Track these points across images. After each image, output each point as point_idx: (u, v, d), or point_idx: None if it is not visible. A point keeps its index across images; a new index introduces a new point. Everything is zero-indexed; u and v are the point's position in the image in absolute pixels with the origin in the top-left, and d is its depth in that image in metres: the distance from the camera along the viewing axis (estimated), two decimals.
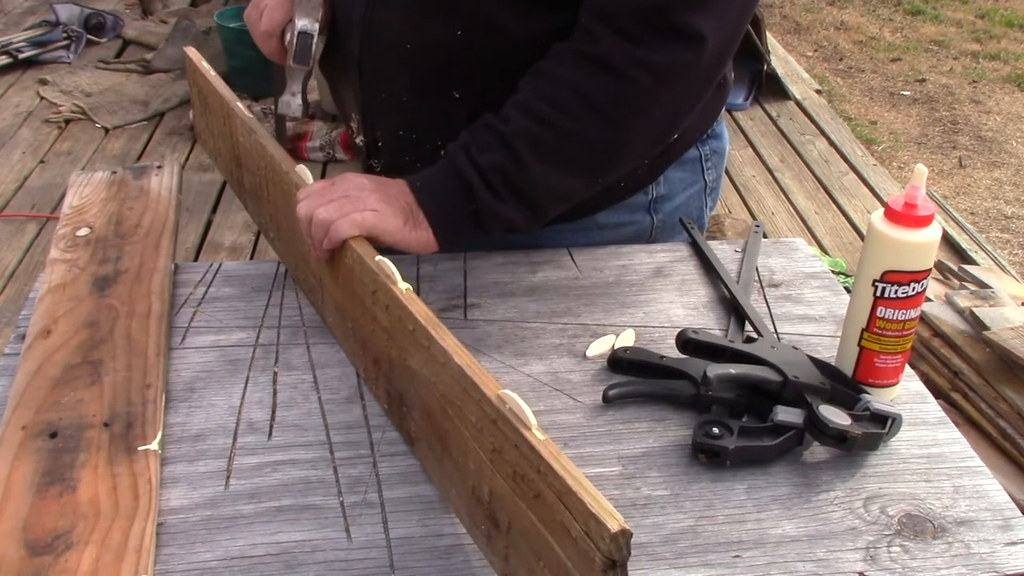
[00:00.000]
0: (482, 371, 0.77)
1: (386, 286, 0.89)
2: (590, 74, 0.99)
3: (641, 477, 0.91)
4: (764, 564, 0.83)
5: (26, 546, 0.79)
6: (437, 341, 0.81)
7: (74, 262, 1.16)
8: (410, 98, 1.14)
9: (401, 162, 1.19)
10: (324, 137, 3.73)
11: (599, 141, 1.02)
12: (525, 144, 1.00)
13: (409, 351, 0.87)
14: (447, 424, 0.82)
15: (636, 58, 0.97)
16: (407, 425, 0.92)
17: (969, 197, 3.94)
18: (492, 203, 1.02)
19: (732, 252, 1.28)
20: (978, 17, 5.95)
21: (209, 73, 1.29)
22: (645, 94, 1.00)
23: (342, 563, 0.82)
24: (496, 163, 1.00)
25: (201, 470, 0.91)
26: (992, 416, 2.14)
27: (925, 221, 0.94)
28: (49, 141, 3.90)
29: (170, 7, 5.26)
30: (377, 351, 0.95)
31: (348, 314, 1.01)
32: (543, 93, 1.01)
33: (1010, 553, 0.85)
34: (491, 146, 1.01)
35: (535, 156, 1.00)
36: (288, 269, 1.19)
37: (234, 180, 1.32)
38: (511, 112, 1.01)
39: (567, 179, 1.05)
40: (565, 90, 1.00)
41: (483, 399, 0.75)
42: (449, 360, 0.79)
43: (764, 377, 0.96)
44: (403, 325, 0.87)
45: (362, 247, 0.95)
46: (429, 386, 0.84)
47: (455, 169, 1.02)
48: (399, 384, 0.92)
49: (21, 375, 0.98)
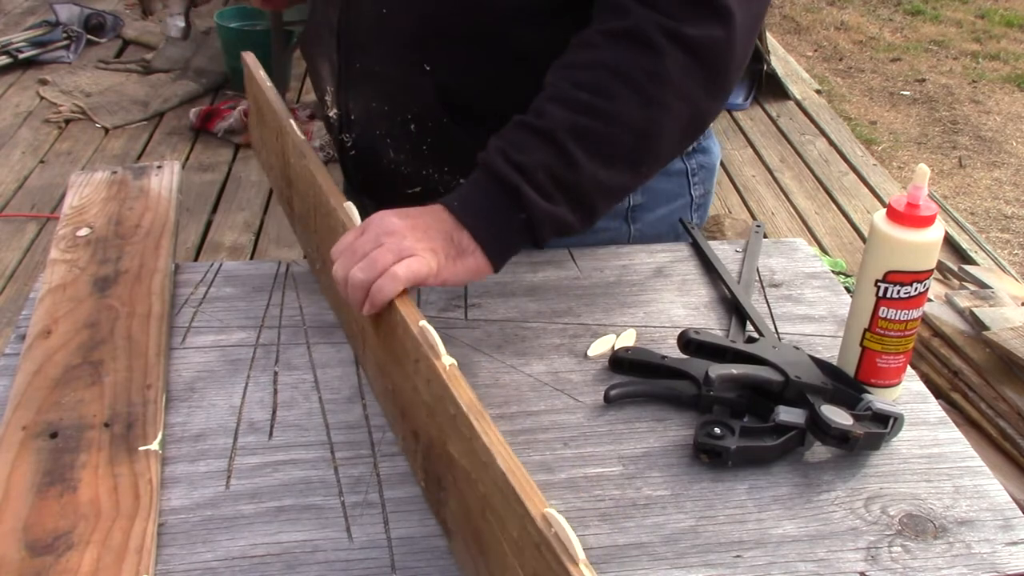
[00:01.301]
0: (527, 479, 0.68)
1: (428, 358, 0.80)
2: (625, 50, 0.93)
3: (642, 477, 0.91)
4: (765, 564, 0.82)
5: (27, 546, 0.79)
6: (480, 436, 0.72)
7: (74, 262, 1.16)
8: (383, 68, 1.13)
9: (372, 136, 1.20)
10: (324, 137, 3.73)
11: (641, 122, 0.94)
12: (569, 136, 0.92)
13: (450, 435, 0.78)
14: (486, 528, 0.74)
15: (669, 30, 0.92)
16: (443, 513, 0.83)
17: (969, 197, 3.94)
18: (544, 207, 0.92)
19: (732, 252, 1.28)
20: (978, 17, 5.95)
21: (265, 83, 1.24)
22: (680, 70, 0.93)
23: (343, 563, 0.82)
24: (541, 162, 0.92)
25: (202, 470, 0.91)
26: (992, 416, 2.14)
27: (927, 221, 0.93)
28: (49, 141, 3.90)
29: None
30: (417, 424, 0.86)
31: (389, 375, 0.93)
32: (578, 80, 0.94)
33: (1011, 553, 0.85)
34: (531, 144, 0.92)
35: (581, 148, 0.92)
36: (333, 309, 1.12)
37: (284, 199, 1.28)
38: (545, 106, 0.94)
39: (615, 171, 0.96)
40: (601, 72, 0.93)
41: (526, 516, 0.66)
42: (492, 462, 0.70)
43: (766, 377, 0.96)
44: (444, 406, 0.78)
45: (406, 307, 0.86)
46: (470, 481, 0.75)
47: (495, 176, 0.93)
48: (438, 467, 0.83)
49: (21, 375, 0.98)
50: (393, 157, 1.20)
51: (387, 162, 1.20)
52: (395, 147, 1.19)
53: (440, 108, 1.12)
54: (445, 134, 1.13)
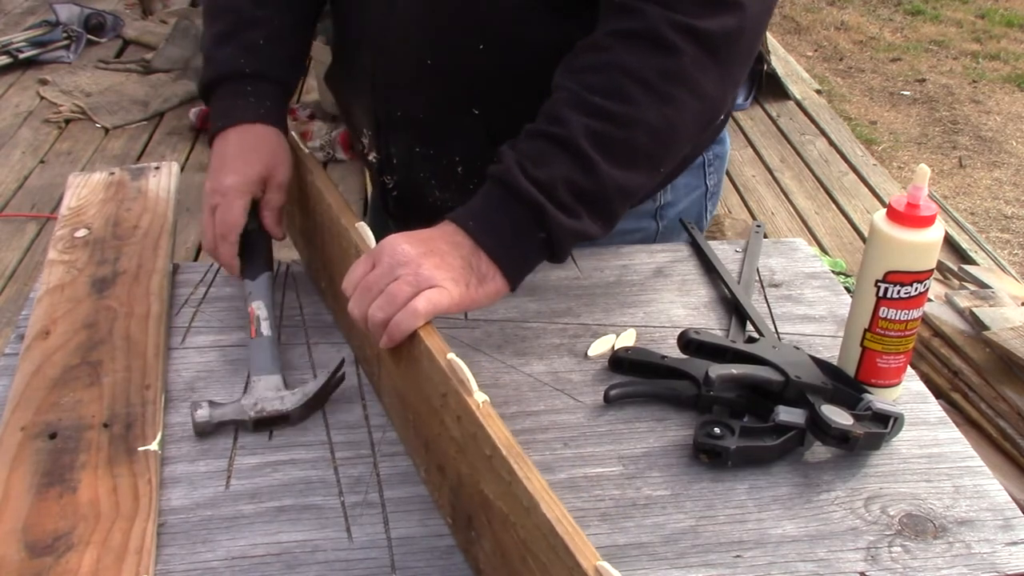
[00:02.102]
0: (575, 528, 0.65)
1: (459, 394, 0.77)
2: (637, 51, 0.90)
3: (642, 477, 0.91)
4: (765, 564, 0.82)
5: (26, 547, 0.79)
6: (521, 480, 0.69)
7: (72, 263, 1.16)
8: (427, 115, 1.10)
9: (416, 178, 1.17)
10: (324, 137, 3.73)
11: (658, 123, 0.91)
12: (590, 144, 0.88)
13: (484, 476, 0.75)
14: (526, 573, 0.71)
15: (681, 26, 0.89)
16: (474, 552, 0.80)
17: (969, 197, 3.94)
18: (566, 223, 0.89)
19: (732, 252, 1.28)
20: (978, 17, 5.95)
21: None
22: (693, 65, 0.91)
23: (343, 563, 0.82)
24: (562, 175, 0.88)
25: (202, 470, 0.90)
26: (992, 416, 2.14)
27: (928, 221, 0.93)
28: (49, 141, 3.90)
29: (170, 7, 5.26)
30: (443, 459, 0.83)
31: (411, 406, 0.89)
32: (592, 84, 0.91)
33: (1011, 553, 0.85)
34: (550, 156, 0.89)
35: (602, 156, 0.89)
36: (340, 329, 1.09)
37: (285, 212, 1.23)
38: (561, 112, 0.90)
39: (634, 174, 0.93)
40: (616, 74, 0.90)
41: (576, 569, 0.63)
42: (535, 507, 0.67)
43: (766, 377, 0.96)
44: (478, 445, 0.75)
45: (431, 338, 0.82)
46: (507, 524, 0.72)
47: (515, 193, 0.88)
48: (468, 505, 0.79)
49: (20, 376, 0.98)
50: (439, 195, 1.17)
51: (432, 200, 1.17)
52: (440, 187, 1.16)
53: (489, 148, 1.01)
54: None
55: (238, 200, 1.06)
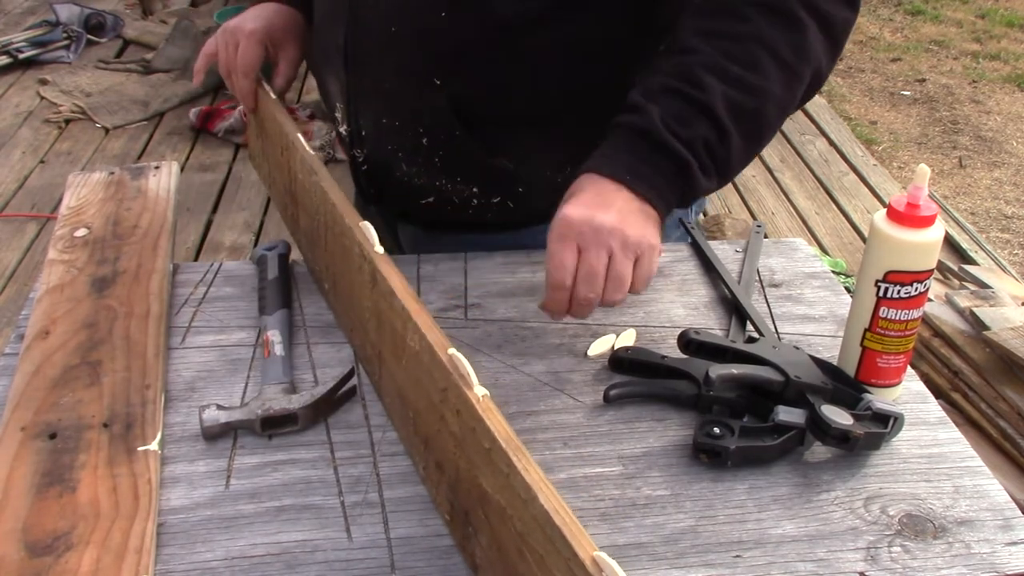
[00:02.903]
0: (572, 519, 0.66)
1: (459, 388, 0.77)
2: (774, 26, 0.94)
3: (642, 477, 0.91)
4: (765, 564, 0.82)
5: (26, 547, 0.79)
6: (519, 472, 0.69)
7: (72, 263, 1.16)
8: (392, 84, 1.13)
9: (384, 150, 1.19)
10: (324, 137, 3.73)
11: (784, 96, 0.96)
12: (727, 112, 0.92)
13: (482, 469, 0.76)
14: (524, 568, 0.71)
15: (810, 5, 0.94)
16: (470, 547, 0.81)
17: (969, 197, 3.94)
18: (702, 180, 0.94)
19: (732, 252, 1.28)
20: (978, 17, 5.95)
21: (269, 96, 1.24)
22: (819, 44, 0.96)
23: (343, 563, 0.82)
24: (703, 137, 0.93)
25: (201, 470, 0.91)
26: (992, 416, 2.14)
27: (928, 221, 0.93)
28: (49, 141, 3.90)
29: (170, 7, 5.26)
30: (442, 455, 0.84)
31: (410, 403, 0.90)
32: (730, 52, 0.94)
33: (1011, 553, 0.85)
34: (692, 118, 0.92)
35: (736, 124, 0.93)
36: (343, 329, 1.10)
37: (288, 215, 1.27)
38: (701, 76, 0.93)
39: (753, 142, 0.98)
40: (753, 46, 0.94)
41: (573, 559, 0.64)
42: (533, 499, 0.68)
43: (766, 377, 0.96)
44: (477, 439, 0.75)
45: (433, 333, 0.83)
46: (504, 518, 0.73)
47: (663, 149, 0.93)
48: (466, 501, 0.80)
49: (20, 376, 0.98)
50: (406, 170, 1.19)
51: (400, 175, 1.20)
52: (407, 160, 1.18)
53: (452, 120, 1.11)
54: (457, 145, 1.13)
55: (258, 44, 1.21)
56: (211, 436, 0.93)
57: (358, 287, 0.99)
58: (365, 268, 0.95)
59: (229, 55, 1.23)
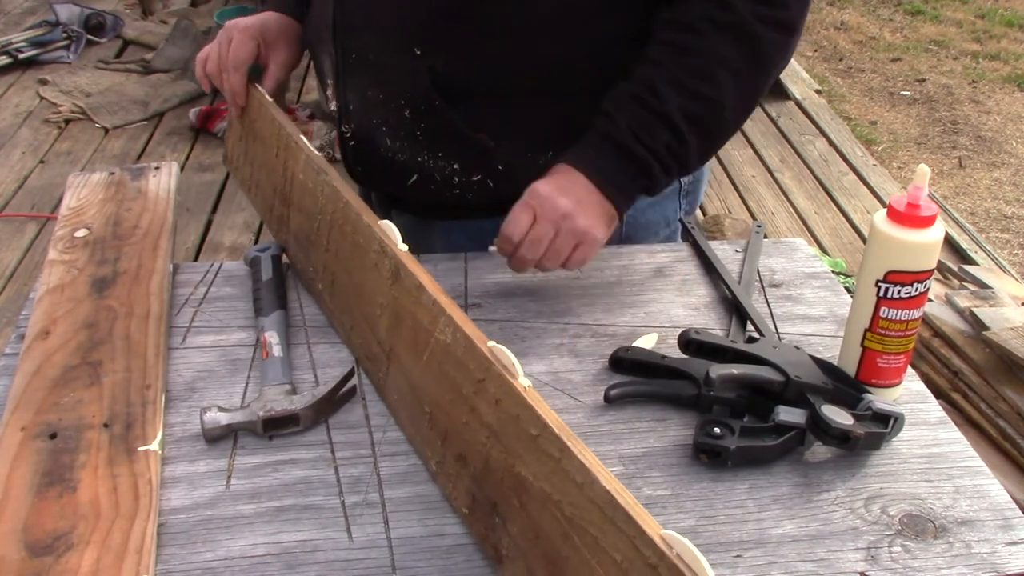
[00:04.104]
0: (635, 501, 0.67)
1: (502, 377, 0.79)
2: (731, 43, 1.05)
3: (642, 477, 0.91)
4: (765, 564, 0.82)
5: (26, 547, 0.79)
6: (575, 456, 0.71)
7: (72, 263, 1.16)
8: (376, 55, 1.17)
9: (369, 124, 1.22)
10: (324, 137, 3.73)
11: (741, 105, 1.09)
12: (684, 121, 1.05)
13: (524, 458, 0.76)
14: (569, 552, 0.72)
15: (770, 19, 1.05)
16: (493, 539, 0.81)
17: (969, 197, 3.94)
18: (662, 178, 1.08)
19: (732, 252, 1.28)
20: (978, 17, 5.95)
21: (265, 98, 1.24)
22: (774, 51, 1.08)
23: (343, 563, 0.82)
24: (666, 144, 1.06)
25: (202, 470, 0.91)
26: (992, 416, 2.14)
27: (928, 221, 0.93)
28: (49, 141, 3.90)
29: (170, 7, 5.26)
30: (465, 447, 0.85)
31: (428, 397, 0.91)
32: (688, 67, 1.06)
33: (1011, 553, 0.85)
34: (654, 127, 1.05)
35: (693, 131, 1.06)
36: (339, 329, 1.10)
37: (274, 216, 1.25)
38: (661, 88, 1.05)
39: (711, 144, 1.12)
40: (711, 62, 1.05)
41: (640, 536, 0.65)
42: (592, 481, 0.69)
43: (766, 377, 0.96)
44: (521, 427, 0.77)
45: (469, 327, 0.86)
46: (548, 503, 0.74)
47: (629, 155, 1.06)
48: (494, 491, 0.81)
49: (20, 376, 0.98)
50: (389, 145, 1.22)
51: (384, 150, 1.23)
52: (391, 135, 1.21)
53: (432, 91, 1.14)
54: (438, 118, 1.16)
55: (250, 40, 1.25)
56: (212, 438, 0.93)
57: (370, 284, 0.99)
58: (385, 264, 0.97)
59: (222, 51, 1.25)
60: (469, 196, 1.21)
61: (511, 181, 1.15)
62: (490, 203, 1.20)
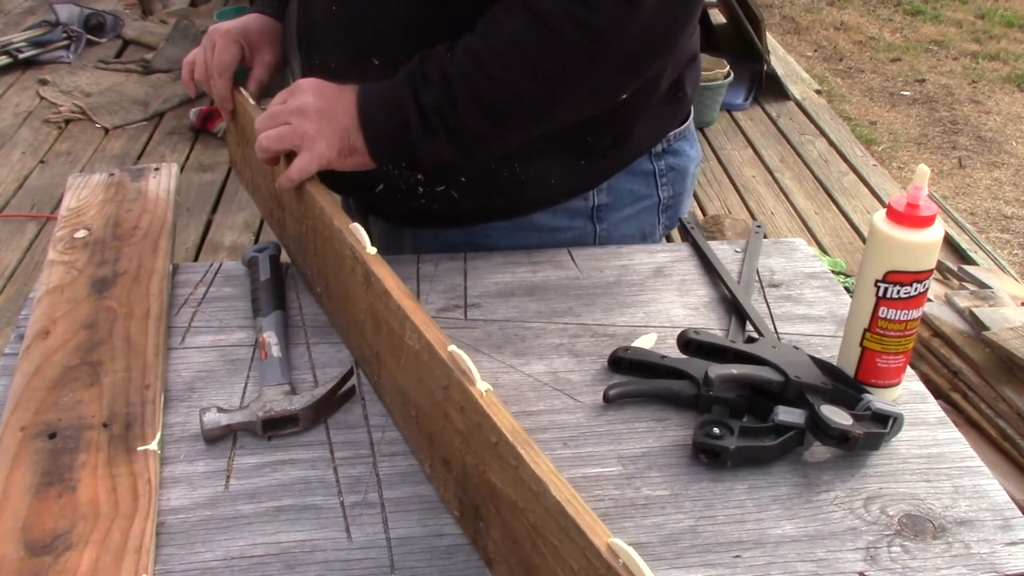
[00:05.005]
0: (586, 509, 0.66)
1: (461, 384, 0.78)
2: (533, 30, 1.00)
3: (641, 477, 0.91)
4: (764, 564, 0.82)
5: (26, 547, 0.79)
6: (529, 465, 0.70)
7: (72, 264, 1.16)
8: (337, 64, 1.17)
9: None
10: None
11: (531, 99, 1.04)
12: (463, 88, 1.02)
13: (490, 464, 0.76)
14: (538, 559, 0.71)
15: (577, 19, 0.99)
16: (482, 542, 0.81)
17: (969, 197, 3.94)
18: (424, 140, 1.05)
19: (732, 252, 1.28)
20: (978, 17, 5.95)
21: (248, 103, 1.25)
22: (582, 55, 1.01)
23: (342, 563, 0.82)
24: (435, 103, 1.03)
25: (201, 470, 0.91)
26: (992, 416, 2.14)
27: (927, 221, 0.93)
28: (49, 141, 3.90)
29: (170, 7, 5.26)
30: (448, 452, 0.84)
31: (412, 401, 0.90)
32: (490, 41, 1.03)
33: (1010, 553, 0.85)
34: (432, 83, 1.03)
35: (470, 101, 1.03)
36: (338, 332, 1.10)
37: (274, 220, 1.26)
38: (458, 52, 1.03)
39: (496, 128, 1.07)
40: (508, 42, 1.02)
41: (589, 547, 0.64)
42: (544, 491, 0.68)
43: (766, 377, 0.96)
44: (483, 434, 0.76)
45: (431, 331, 0.84)
46: (516, 511, 0.73)
47: (399, 102, 1.04)
48: (475, 496, 0.80)
49: (20, 376, 0.98)
50: None
51: None
52: None
53: None
54: None
55: (232, 44, 1.26)
56: (212, 439, 0.93)
57: (352, 289, 0.99)
58: (358, 270, 0.95)
59: (207, 56, 1.26)
60: (435, 206, 1.20)
61: (475, 193, 1.15)
62: (456, 213, 1.20)
